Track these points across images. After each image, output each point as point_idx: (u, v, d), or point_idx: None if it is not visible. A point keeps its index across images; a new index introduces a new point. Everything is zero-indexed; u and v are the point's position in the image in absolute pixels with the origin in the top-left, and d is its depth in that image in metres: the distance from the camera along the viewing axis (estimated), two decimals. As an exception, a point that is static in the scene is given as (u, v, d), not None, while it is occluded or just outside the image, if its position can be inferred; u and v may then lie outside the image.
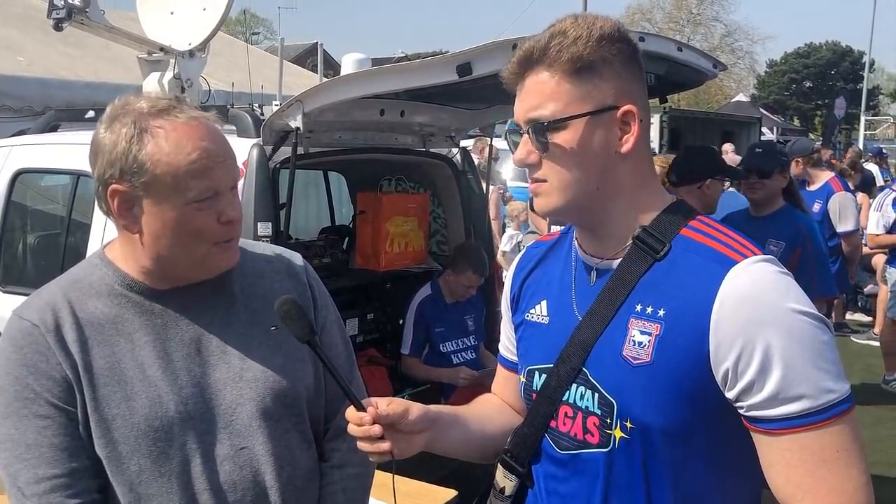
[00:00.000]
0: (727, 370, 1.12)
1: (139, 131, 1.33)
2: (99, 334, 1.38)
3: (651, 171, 1.28)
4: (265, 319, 1.50)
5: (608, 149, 1.21)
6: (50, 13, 3.88)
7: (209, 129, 1.38)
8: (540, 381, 1.32)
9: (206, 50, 4.36)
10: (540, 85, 1.21)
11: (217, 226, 1.38)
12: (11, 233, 3.99)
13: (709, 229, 1.22)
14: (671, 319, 1.16)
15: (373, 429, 1.23)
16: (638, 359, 1.18)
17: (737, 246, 1.17)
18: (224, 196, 1.39)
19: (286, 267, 1.60)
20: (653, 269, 1.20)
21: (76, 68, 8.92)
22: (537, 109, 1.21)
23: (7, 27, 9.52)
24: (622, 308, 1.21)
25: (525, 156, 1.24)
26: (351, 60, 4.10)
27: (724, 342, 1.11)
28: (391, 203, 4.00)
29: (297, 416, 1.51)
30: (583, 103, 1.19)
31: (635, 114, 1.20)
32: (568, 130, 1.20)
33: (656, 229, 1.22)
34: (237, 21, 52.91)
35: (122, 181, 1.34)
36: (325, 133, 3.46)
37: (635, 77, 1.23)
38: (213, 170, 1.35)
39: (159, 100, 1.39)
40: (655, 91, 3.28)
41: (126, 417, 1.35)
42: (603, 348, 1.22)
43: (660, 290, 1.19)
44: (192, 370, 1.42)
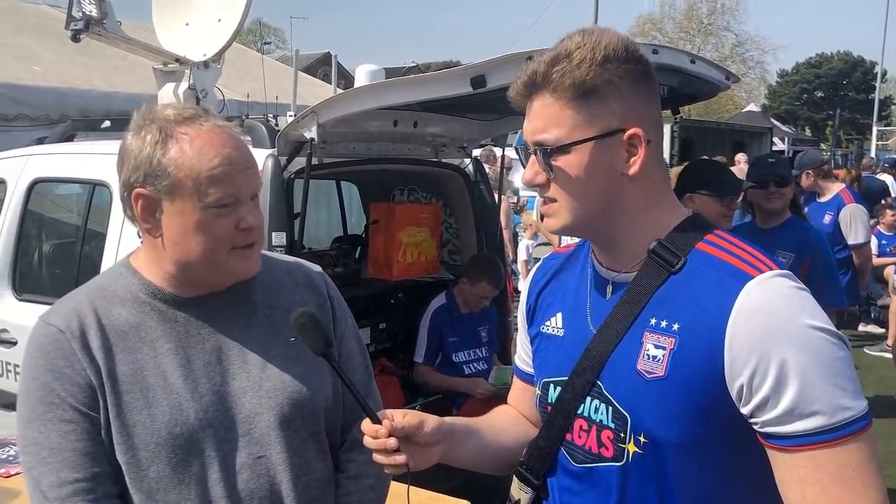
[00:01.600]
0: (742, 386, 1.11)
1: (164, 137, 1.36)
2: (123, 341, 1.40)
3: (664, 188, 1.29)
4: (285, 330, 1.52)
5: (614, 171, 1.21)
6: (68, 24, 3.92)
7: (233, 137, 1.42)
8: (555, 393, 1.33)
9: (220, 60, 4.40)
10: (545, 108, 1.22)
11: (236, 232, 1.40)
12: (28, 241, 4.02)
13: (725, 243, 1.22)
14: (685, 334, 1.16)
15: (388, 441, 1.24)
16: (652, 373, 1.17)
17: (753, 260, 1.17)
18: (244, 204, 1.41)
19: (306, 278, 1.62)
20: (668, 282, 1.20)
21: (91, 78, 9.00)
22: (542, 133, 1.22)
23: (23, 37, 9.62)
24: (637, 322, 1.22)
25: (533, 177, 1.26)
26: (364, 72, 4.13)
27: (739, 357, 1.11)
28: (404, 213, 4.02)
29: (314, 426, 1.52)
30: (587, 128, 1.19)
31: (641, 137, 1.20)
32: (573, 155, 1.20)
33: (672, 243, 1.23)
34: (249, 31, 53.11)
35: (146, 185, 1.37)
36: (339, 143, 3.48)
37: (644, 97, 1.22)
38: (234, 177, 1.38)
39: (186, 108, 1.43)
40: (668, 103, 3.29)
41: (147, 424, 1.37)
42: (617, 362, 1.22)
43: (675, 304, 1.18)
44: (213, 378, 1.44)
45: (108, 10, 3.95)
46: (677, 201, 1.32)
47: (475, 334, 4.07)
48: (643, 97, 1.22)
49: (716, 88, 3.29)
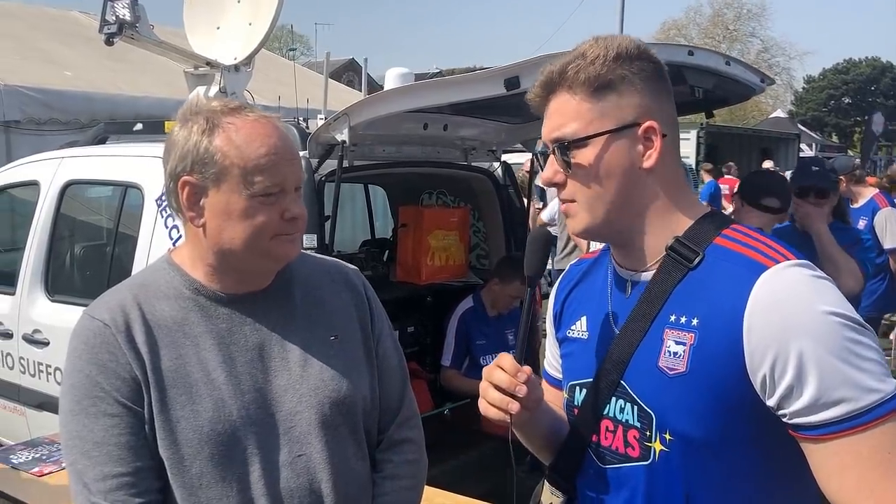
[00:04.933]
0: (764, 377, 1.11)
1: (211, 126, 1.38)
2: (167, 336, 1.40)
3: (681, 183, 1.29)
4: (325, 329, 1.52)
5: (631, 165, 1.23)
6: (102, 28, 3.97)
7: (278, 128, 1.43)
8: (581, 396, 1.33)
9: (250, 64, 4.43)
10: (562, 106, 1.25)
11: (281, 221, 1.41)
12: (60, 243, 4.06)
13: (742, 237, 1.22)
14: (705, 328, 1.16)
15: (521, 387, 1.23)
16: (674, 369, 1.17)
17: (769, 251, 1.17)
18: (289, 194, 1.42)
19: (343, 277, 1.62)
20: (687, 278, 1.21)
21: (119, 82, 9.10)
22: (560, 129, 1.24)
23: (55, 42, 9.77)
24: (657, 319, 1.22)
25: (552, 175, 1.28)
26: (394, 75, 4.13)
27: (758, 349, 1.10)
28: (433, 217, 4.01)
29: (353, 425, 1.52)
30: (603, 121, 1.22)
31: (657, 129, 1.21)
32: (590, 148, 1.22)
33: (689, 239, 1.23)
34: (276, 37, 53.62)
35: (193, 173, 1.38)
36: (369, 146, 3.48)
37: (658, 94, 1.25)
38: (280, 166, 1.39)
39: (231, 101, 1.45)
40: (702, 105, 3.26)
41: (190, 420, 1.37)
42: (640, 360, 1.23)
43: (693, 300, 1.19)
44: (255, 376, 1.44)
45: (140, 14, 3.99)
46: (695, 198, 1.33)
47: (503, 337, 4.05)
48: (657, 94, 1.25)
49: (750, 91, 3.26)
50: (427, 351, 4.14)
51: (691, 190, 1.35)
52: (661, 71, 1.26)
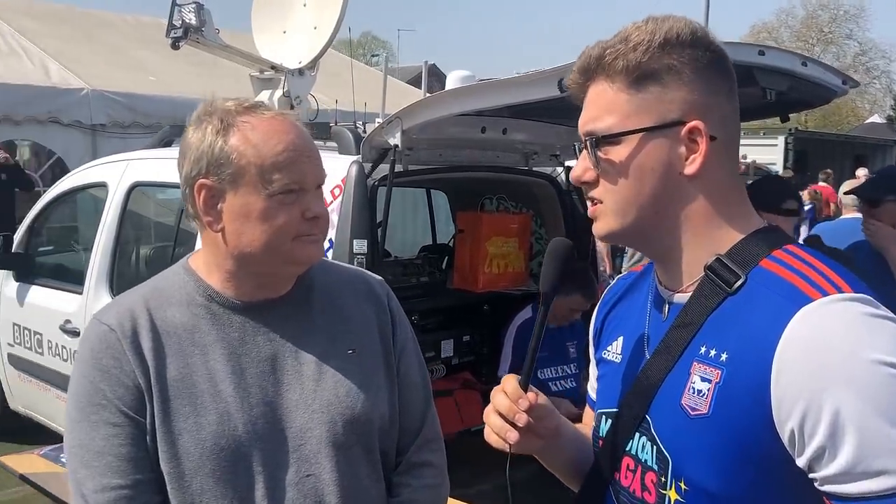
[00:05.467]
0: (793, 432, 0.94)
1: (225, 126, 1.33)
2: (175, 344, 1.35)
3: (734, 194, 1.12)
4: (343, 341, 1.45)
5: (670, 169, 1.07)
6: (168, 32, 4.03)
7: (295, 125, 1.37)
8: (606, 426, 1.20)
9: (315, 68, 4.43)
10: (598, 96, 1.10)
11: (302, 221, 1.35)
12: (126, 243, 4.14)
13: (793, 260, 1.03)
14: (733, 365, 0.99)
15: (520, 416, 1.12)
16: (696, 409, 1.02)
17: (820, 280, 0.98)
18: (309, 192, 1.35)
19: (367, 289, 1.54)
20: (724, 305, 1.04)
21: (200, 86, 9.33)
22: (594, 122, 1.10)
23: (144, 49, 10.11)
24: (687, 349, 1.06)
25: (581, 172, 1.13)
26: (456, 78, 4.05)
27: (787, 397, 0.94)
28: (491, 223, 3.91)
29: (368, 445, 1.44)
30: (641, 117, 1.07)
31: (702, 131, 1.05)
32: (624, 146, 1.07)
33: (733, 259, 1.06)
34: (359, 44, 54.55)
35: (209, 175, 1.33)
36: (425, 150, 3.41)
37: (713, 89, 1.07)
38: (298, 163, 1.33)
39: (246, 99, 1.39)
40: (777, 108, 3.05)
41: (192, 433, 1.31)
42: (665, 395, 1.08)
43: (727, 331, 1.02)
44: (265, 389, 1.37)
45: (206, 19, 4.03)
46: (751, 211, 1.14)
47: (563, 350, 3.91)
48: (711, 88, 1.07)
49: (831, 94, 3.04)
50: (483, 361, 4.03)
51: (747, 200, 1.16)
52: (720, 62, 1.09)
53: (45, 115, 8.23)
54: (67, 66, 8.85)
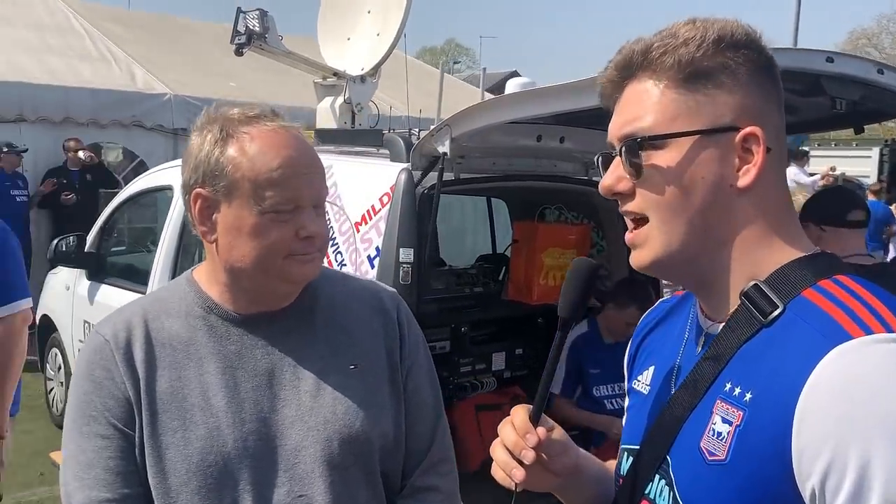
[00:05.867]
0: (813, 489, 0.83)
1: (225, 136, 1.30)
2: (170, 356, 1.33)
3: (784, 212, 1.00)
4: (346, 356, 1.39)
5: (721, 180, 0.95)
6: (233, 39, 4.09)
7: (296, 139, 1.33)
8: (627, 464, 1.10)
9: (376, 75, 4.42)
10: (640, 94, 0.98)
11: (295, 240, 1.30)
12: (188, 245, 4.21)
13: (841, 292, 0.91)
14: (756, 407, 0.89)
15: (527, 452, 1.02)
16: (714, 455, 0.92)
17: (866, 316, 0.86)
18: (305, 210, 1.30)
19: (377, 302, 1.48)
20: (757, 337, 0.93)
21: (279, 93, 9.51)
22: (633, 123, 0.98)
23: (225, 55, 10.36)
24: (714, 385, 0.95)
25: (614, 182, 1.00)
26: (515, 85, 3.97)
27: (809, 448, 0.82)
28: (548, 233, 3.80)
29: (367, 466, 1.38)
30: (692, 118, 0.95)
31: (760, 138, 0.94)
32: (670, 150, 0.96)
33: (773, 286, 0.94)
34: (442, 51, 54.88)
35: (205, 185, 1.31)
36: (478, 159, 3.34)
37: (766, 94, 0.98)
38: (294, 180, 1.28)
39: (252, 108, 1.35)
40: (849, 120, 2.86)
41: (179, 447, 1.28)
42: (686, 435, 0.97)
43: (755, 367, 0.91)
44: (260, 404, 1.33)
45: (269, 25, 4.07)
46: (801, 234, 1.02)
47: (619, 367, 3.75)
48: (766, 95, 0.97)
49: (912, 103, 2.82)
50: (535, 375, 3.92)
51: (797, 221, 1.05)
52: (773, 69, 0.99)
53: (129, 119, 8.52)
54: (152, 72, 9.15)
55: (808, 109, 2.73)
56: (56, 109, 8.10)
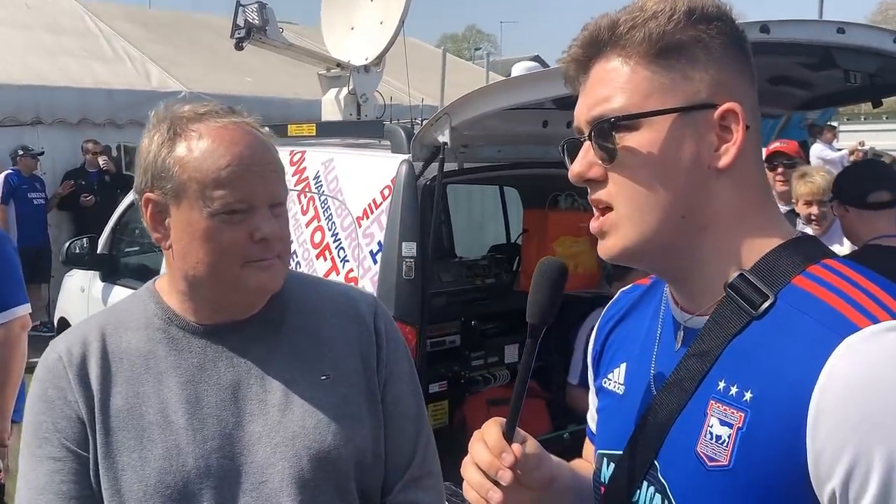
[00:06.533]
0: (833, 492, 0.78)
1: (172, 135, 1.23)
2: (127, 371, 1.26)
3: (763, 194, 0.94)
4: (316, 367, 1.31)
5: (700, 161, 0.90)
6: (232, 34, 4.03)
7: (249, 135, 1.24)
8: (608, 472, 1.03)
9: (381, 64, 4.33)
10: (609, 73, 0.92)
11: (250, 244, 1.22)
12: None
13: (835, 278, 0.86)
14: (759, 407, 0.83)
15: (504, 473, 0.95)
16: (714, 460, 0.86)
17: (869, 304, 0.81)
18: (259, 211, 1.22)
19: (351, 308, 1.40)
20: (747, 331, 0.87)
21: (296, 87, 9.48)
22: (604, 104, 0.91)
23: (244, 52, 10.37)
24: (703, 384, 0.89)
25: (585, 169, 0.94)
26: (521, 69, 3.85)
27: (827, 450, 0.77)
28: (558, 221, 3.69)
29: (341, 483, 1.29)
30: (666, 96, 0.89)
31: (739, 115, 0.89)
32: (644, 131, 0.90)
33: (760, 275, 0.89)
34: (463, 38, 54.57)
35: (154, 189, 1.24)
36: (483, 147, 3.25)
37: (740, 70, 0.92)
38: (245, 179, 1.20)
39: (203, 105, 1.27)
40: (866, 93, 2.71)
41: (136, 468, 1.21)
42: (676, 438, 0.91)
43: (751, 363, 0.85)
44: (224, 419, 1.25)
45: (269, 18, 4.01)
46: (780, 216, 0.96)
47: (636, 357, 3.66)
48: (739, 69, 0.92)
49: (936, 74, 2.67)
50: (552, 368, 3.83)
51: (776, 205, 0.99)
52: (744, 43, 0.93)
53: (145, 119, 8.50)
54: (167, 70, 9.17)
55: (823, 84, 2.59)
56: (72, 111, 8.14)
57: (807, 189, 3.92)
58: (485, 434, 0.98)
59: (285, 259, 1.28)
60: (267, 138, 1.27)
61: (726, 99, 0.89)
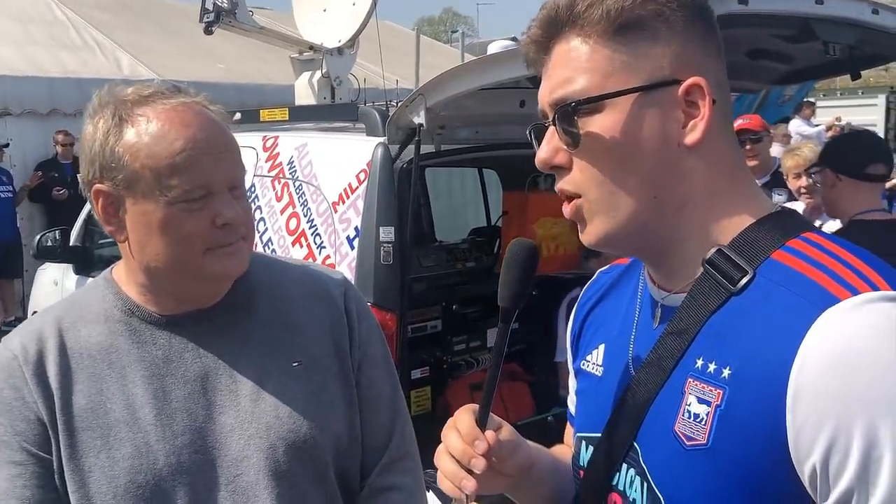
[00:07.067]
0: (814, 470, 0.75)
1: (118, 121, 1.16)
2: (88, 367, 1.20)
3: (737, 168, 0.91)
4: (287, 354, 1.27)
5: (668, 140, 0.86)
6: (202, 18, 3.94)
7: (201, 115, 1.18)
8: (587, 455, 1.00)
9: (354, 47, 4.26)
10: (569, 54, 0.88)
11: (212, 230, 1.16)
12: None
13: (815, 251, 0.83)
14: (737, 384, 0.80)
15: (477, 461, 0.92)
16: (693, 439, 0.83)
17: (849, 276, 0.78)
18: (219, 196, 1.16)
19: (321, 291, 1.35)
20: (726, 307, 0.85)
21: (269, 72, 9.35)
22: (565, 86, 0.88)
23: (217, 38, 10.19)
24: (681, 362, 0.86)
25: (551, 155, 0.91)
26: (496, 48, 3.79)
27: (807, 426, 0.75)
28: (538, 203, 3.66)
29: (319, 473, 1.26)
30: (629, 75, 0.86)
31: (704, 89, 0.85)
32: (607, 113, 0.86)
33: (738, 250, 0.86)
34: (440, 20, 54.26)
35: (104, 180, 1.17)
36: (460, 129, 3.21)
37: (705, 43, 0.89)
38: (201, 163, 1.15)
39: (147, 86, 1.21)
40: (845, 66, 2.69)
41: (105, 470, 1.15)
42: (655, 418, 0.88)
43: (729, 340, 0.82)
44: (194, 413, 1.20)
45: (237, 1, 3.92)
46: (757, 190, 0.93)
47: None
48: (703, 42, 0.88)
49: (914, 45, 2.65)
50: (535, 349, 3.81)
51: (753, 179, 0.95)
52: (708, 14, 0.90)
53: (117, 108, 8.38)
54: (137, 57, 8.99)
55: (802, 56, 2.56)
56: (42, 101, 7.95)
57: (793, 162, 3.91)
58: (457, 422, 0.96)
59: (250, 240, 1.24)
60: (219, 117, 1.21)
61: (691, 74, 0.86)
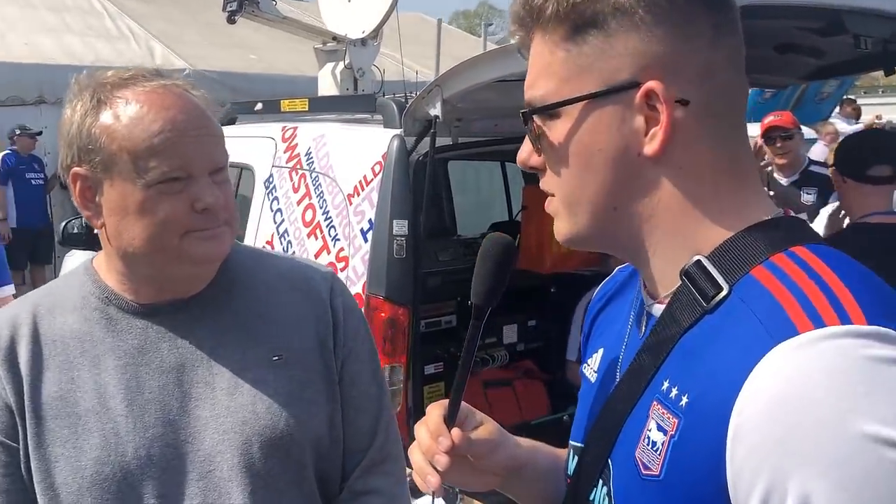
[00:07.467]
0: None
1: (97, 103, 1.14)
2: (60, 355, 1.18)
3: (727, 175, 0.80)
4: (268, 347, 1.23)
5: (625, 150, 0.79)
6: (225, 6, 3.93)
7: (181, 98, 1.15)
8: (573, 464, 0.96)
9: (378, 38, 4.22)
10: (535, 56, 0.84)
11: (191, 214, 1.14)
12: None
13: (795, 270, 0.73)
14: (691, 415, 0.73)
15: (440, 458, 0.91)
16: (648, 468, 0.77)
17: (821, 303, 0.69)
18: (199, 179, 1.13)
19: (306, 284, 1.32)
20: (700, 325, 0.77)
21: (300, 64, 9.36)
22: (529, 89, 0.85)
23: (248, 28, 10.23)
24: (653, 381, 0.80)
25: (527, 156, 0.87)
26: (518, 40, 3.73)
27: (744, 473, 0.68)
28: (558, 198, 3.58)
29: (295, 472, 1.22)
30: (583, 79, 0.79)
31: (659, 94, 0.76)
32: (563, 121, 0.81)
33: (717, 263, 0.77)
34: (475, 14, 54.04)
35: (82, 163, 1.15)
36: (478, 121, 3.14)
37: (684, 31, 0.77)
38: (181, 146, 1.12)
39: (128, 70, 1.18)
40: (879, 60, 2.57)
41: (70, 460, 1.13)
42: (626, 438, 0.82)
43: (695, 363, 0.75)
44: (167, 405, 1.17)
45: (261, -10, 3.90)
46: (758, 199, 0.82)
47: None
48: (680, 31, 0.77)
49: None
50: (550, 347, 3.74)
51: (755, 183, 0.85)
52: None
53: (149, 97, 8.46)
54: (171, 47, 9.06)
55: (833, 51, 2.46)
56: (76, 90, 8.06)
57: None
58: (427, 418, 0.95)
59: (233, 226, 1.20)
60: (202, 101, 1.18)
61: (652, 75, 0.76)
